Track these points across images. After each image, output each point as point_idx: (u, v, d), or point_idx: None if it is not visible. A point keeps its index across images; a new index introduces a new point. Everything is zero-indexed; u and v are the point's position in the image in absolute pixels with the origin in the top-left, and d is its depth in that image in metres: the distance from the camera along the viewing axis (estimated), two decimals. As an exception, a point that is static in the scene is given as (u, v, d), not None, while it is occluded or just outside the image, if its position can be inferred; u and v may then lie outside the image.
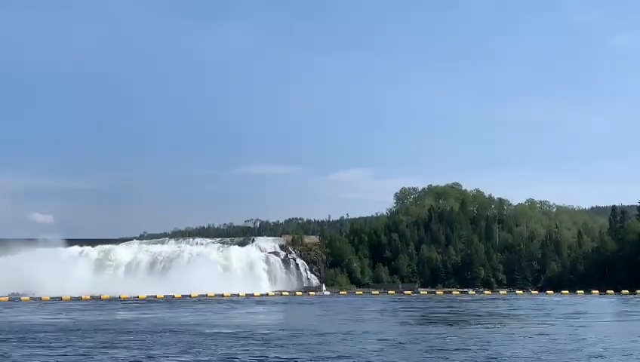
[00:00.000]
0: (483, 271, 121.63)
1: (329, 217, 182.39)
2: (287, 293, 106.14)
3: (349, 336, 37.26)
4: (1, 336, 38.75)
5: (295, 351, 30.80)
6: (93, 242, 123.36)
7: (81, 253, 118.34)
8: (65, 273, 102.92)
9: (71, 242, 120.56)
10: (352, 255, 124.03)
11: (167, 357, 28.96)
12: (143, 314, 60.77)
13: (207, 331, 40.93)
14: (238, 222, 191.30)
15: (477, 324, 46.58)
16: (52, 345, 34.19)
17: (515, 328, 43.10)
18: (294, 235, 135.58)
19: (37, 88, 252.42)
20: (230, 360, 28.18)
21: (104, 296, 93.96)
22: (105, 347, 32.87)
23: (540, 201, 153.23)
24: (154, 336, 37.89)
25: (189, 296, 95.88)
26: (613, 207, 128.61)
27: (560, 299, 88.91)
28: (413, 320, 52.03)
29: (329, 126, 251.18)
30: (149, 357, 29.03)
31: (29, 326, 46.72)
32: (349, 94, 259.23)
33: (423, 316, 56.61)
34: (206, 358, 28.65)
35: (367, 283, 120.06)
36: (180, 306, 73.93)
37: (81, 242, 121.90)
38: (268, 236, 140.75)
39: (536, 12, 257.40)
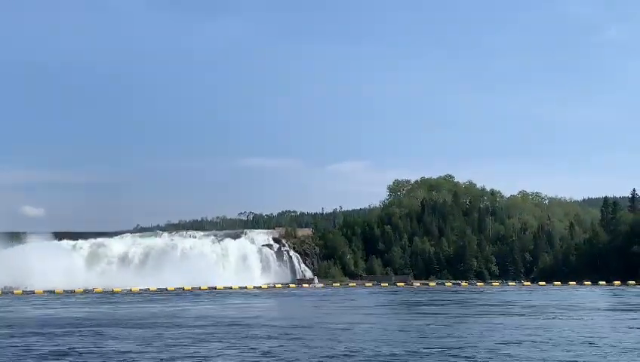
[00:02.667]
0: (476, 263, 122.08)
1: (322, 210, 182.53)
2: (281, 286, 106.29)
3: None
4: (64, 329, 38.53)
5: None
6: (86, 235, 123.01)
7: (74, 246, 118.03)
8: (58, 266, 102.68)
9: (63, 235, 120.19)
10: (346, 247, 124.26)
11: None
12: (167, 306, 61.00)
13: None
14: (232, 215, 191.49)
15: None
16: (129, 340, 33.42)
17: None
18: (288, 228, 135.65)
19: (28, 82, 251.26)
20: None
21: (97, 290, 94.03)
22: (201, 340, 32.49)
23: (533, 193, 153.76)
24: (216, 329, 37.88)
25: (182, 289, 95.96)
26: (605, 199, 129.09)
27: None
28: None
29: (322, 119, 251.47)
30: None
31: (69, 319, 46.42)
32: (342, 87, 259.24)
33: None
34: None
35: (361, 275, 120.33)
36: (194, 298, 74.07)
37: (74, 235, 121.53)
38: (261, 229, 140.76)
39: (529, 4, 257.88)
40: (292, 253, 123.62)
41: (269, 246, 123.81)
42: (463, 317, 46.48)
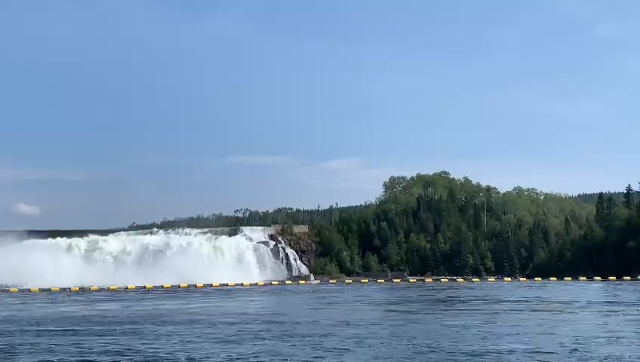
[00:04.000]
0: (471, 259, 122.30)
1: (318, 207, 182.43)
2: (277, 283, 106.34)
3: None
4: (121, 328, 38.62)
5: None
6: (81, 233, 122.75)
7: (69, 244, 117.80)
8: (53, 264, 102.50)
9: (59, 233, 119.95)
10: (342, 244, 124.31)
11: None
12: (183, 304, 61.22)
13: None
14: (228, 212, 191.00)
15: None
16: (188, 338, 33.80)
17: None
18: (284, 225, 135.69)
19: (23, 80, 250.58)
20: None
21: (93, 288, 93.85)
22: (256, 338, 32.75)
23: (528, 189, 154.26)
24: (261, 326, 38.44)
25: (178, 286, 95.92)
26: (600, 194, 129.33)
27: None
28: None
29: (318, 116, 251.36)
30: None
31: (97, 318, 46.33)
32: (337, 83, 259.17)
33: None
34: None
35: (357, 272, 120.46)
36: (202, 296, 74.24)
37: (70, 233, 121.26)
38: (257, 226, 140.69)
39: (524, 1, 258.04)
40: (288, 249, 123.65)
41: (265, 243, 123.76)
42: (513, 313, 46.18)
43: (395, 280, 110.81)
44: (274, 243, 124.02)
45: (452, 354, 26.83)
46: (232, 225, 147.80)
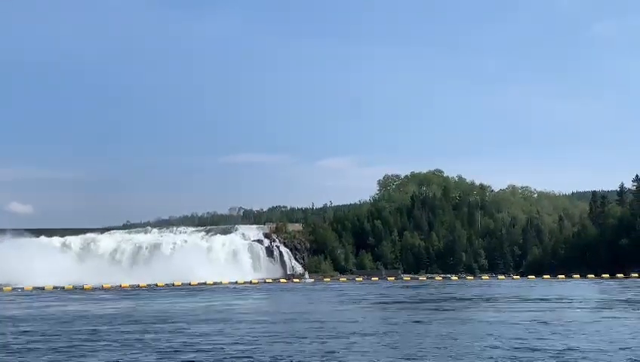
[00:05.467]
0: (465, 257, 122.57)
1: (312, 205, 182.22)
2: (271, 281, 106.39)
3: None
4: (168, 325, 38.62)
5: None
6: (75, 232, 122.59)
7: (63, 243, 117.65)
8: (47, 263, 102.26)
9: (53, 232, 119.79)
10: (336, 242, 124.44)
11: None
12: (194, 301, 61.38)
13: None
14: (222, 210, 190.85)
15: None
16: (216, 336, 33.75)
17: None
18: (278, 223, 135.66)
19: (21, 78, 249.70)
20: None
21: (87, 286, 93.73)
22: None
23: (522, 187, 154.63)
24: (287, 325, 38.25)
25: (172, 284, 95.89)
26: (594, 193, 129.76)
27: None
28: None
29: (313, 114, 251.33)
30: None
31: (124, 316, 46.01)
32: (332, 82, 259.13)
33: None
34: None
35: (351, 270, 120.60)
36: (209, 294, 74.42)
37: (63, 232, 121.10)
38: (251, 224, 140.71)
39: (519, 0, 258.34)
40: (282, 248, 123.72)
41: (260, 241, 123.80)
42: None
43: (389, 278, 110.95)
44: (268, 241, 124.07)
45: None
46: (226, 223, 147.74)
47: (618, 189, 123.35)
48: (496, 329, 33.94)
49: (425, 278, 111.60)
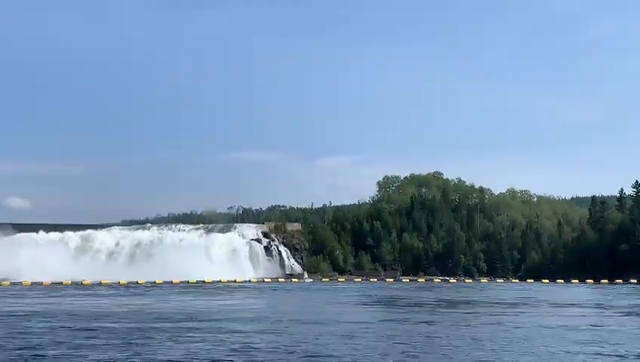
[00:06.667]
0: (464, 260, 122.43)
1: (312, 204, 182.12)
2: (269, 280, 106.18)
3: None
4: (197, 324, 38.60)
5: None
6: (74, 228, 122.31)
7: (62, 238, 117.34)
8: (45, 258, 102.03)
9: (52, 228, 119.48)
10: (335, 242, 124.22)
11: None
12: (205, 300, 61.34)
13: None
14: (221, 208, 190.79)
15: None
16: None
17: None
18: (277, 222, 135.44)
19: (16, 73, 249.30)
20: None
21: (85, 282, 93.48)
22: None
23: (521, 191, 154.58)
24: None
25: (171, 282, 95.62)
26: (593, 198, 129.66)
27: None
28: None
29: (313, 113, 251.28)
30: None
31: (149, 314, 45.82)
32: (332, 81, 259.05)
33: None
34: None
35: (350, 271, 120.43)
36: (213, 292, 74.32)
37: (62, 228, 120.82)
38: (251, 223, 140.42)
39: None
40: (281, 247, 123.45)
41: (258, 240, 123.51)
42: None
43: (387, 279, 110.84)
44: (267, 240, 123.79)
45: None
46: (225, 221, 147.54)
47: (618, 195, 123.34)
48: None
49: (424, 280, 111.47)
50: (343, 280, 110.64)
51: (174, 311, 47.38)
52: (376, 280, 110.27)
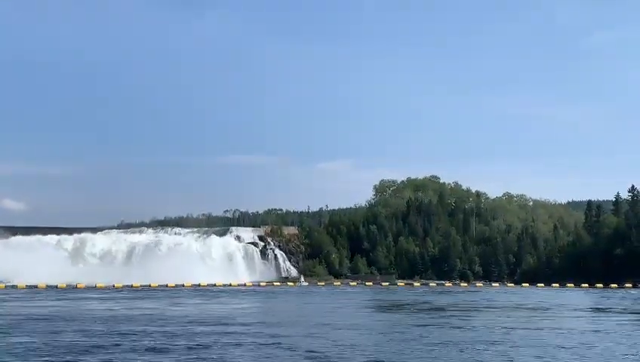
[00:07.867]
0: (459, 264, 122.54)
1: (308, 208, 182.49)
2: (265, 284, 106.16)
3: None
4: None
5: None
6: (70, 231, 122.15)
7: (57, 241, 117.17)
8: (40, 262, 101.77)
9: (47, 230, 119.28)
10: (331, 246, 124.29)
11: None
12: (215, 303, 61.59)
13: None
14: (217, 212, 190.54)
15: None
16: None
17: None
18: (273, 226, 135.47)
19: (11, 73, 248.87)
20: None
21: (80, 285, 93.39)
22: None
23: (517, 195, 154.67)
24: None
25: (166, 285, 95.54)
26: (589, 202, 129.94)
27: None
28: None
29: (309, 116, 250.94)
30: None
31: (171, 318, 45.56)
32: (329, 84, 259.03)
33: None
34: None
35: (345, 275, 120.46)
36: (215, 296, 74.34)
37: (58, 230, 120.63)
38: (247, 226, 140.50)
39: (514, 5, 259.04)
40: (277, 251, 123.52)
41: (255, 244, 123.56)
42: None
43: (383, 283, 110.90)
44: (263, 244, 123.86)
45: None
46: (221, 225, 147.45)
47: (614, 199, 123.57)
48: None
49: (419, 284, 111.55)
50: (339, 283, 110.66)
51: (204, 316, 47.30)
52: (371, 283, 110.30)
